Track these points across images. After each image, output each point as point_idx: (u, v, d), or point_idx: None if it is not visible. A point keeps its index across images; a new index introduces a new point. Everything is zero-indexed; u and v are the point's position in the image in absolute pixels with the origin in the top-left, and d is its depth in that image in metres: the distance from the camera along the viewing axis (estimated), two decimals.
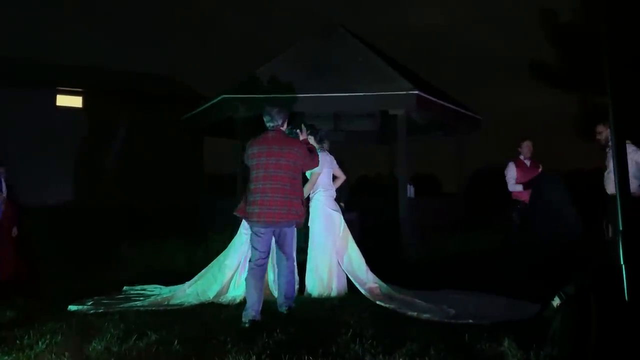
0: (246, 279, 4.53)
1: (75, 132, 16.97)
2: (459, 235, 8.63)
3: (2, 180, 6.42)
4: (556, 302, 2.05)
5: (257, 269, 4.47)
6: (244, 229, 5.14)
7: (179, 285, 5.38)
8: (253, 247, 4.51)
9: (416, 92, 8.46)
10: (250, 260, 4.52)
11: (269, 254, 4.61)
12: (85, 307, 4.78)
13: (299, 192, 4.60)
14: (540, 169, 7.10)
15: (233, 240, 5.31)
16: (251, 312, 4.29)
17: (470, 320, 4.16)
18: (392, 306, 4.72)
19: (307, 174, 5.49)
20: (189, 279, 5.37)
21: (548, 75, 17.80)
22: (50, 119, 16.91)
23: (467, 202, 11.41)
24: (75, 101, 17.83)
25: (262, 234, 4.47)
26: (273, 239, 4.64)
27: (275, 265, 4.88)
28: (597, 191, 5.97)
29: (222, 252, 5.42)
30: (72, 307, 4.74)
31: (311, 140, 5.52)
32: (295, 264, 4.81)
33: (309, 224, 5.43)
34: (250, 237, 4.58)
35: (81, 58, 19.66)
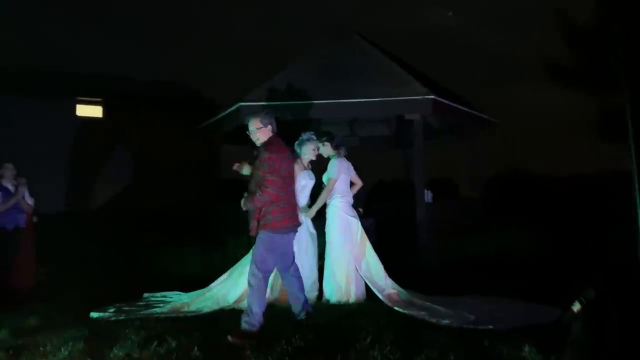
0: (259, 288, 4.27)
1: (95, 140, 17.19)
2: (477, 240, 8.58)
3: (26, 190, 6.55)
4: (576, 307, 2.03)
5: (268, 276, 4.43)
6: None
7: (198, 291, 5.42)
8: (270, 256, 4.32)
9: (432, 96, 8.44)
10: (265, 271, 4.31)
11: None
12: (106, 314, 4.84)
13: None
14: None
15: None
16: (261, 320, 4.20)
17: (490, 326, 4.13)
18: (410, 312, 4.71)
19: (324, 180, 5.52)
20: (206, 285, 5.41)
21: (564, 76, 17.61)
22: (70, 129, 17.17)
23: (485, 206, 11.33)
24: (96, 111, 18.07)
25: (285, 240, 4.44)
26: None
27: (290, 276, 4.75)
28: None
29: (240, 257, 5.44)
30: (93, 314, 4.81)
31: (328, 147, 5.56)
32: (299, 268, 4.81)
33: (326, 230, 5.44)
34: (270, 246, 4.32)
35: (99, 67, 19.85)
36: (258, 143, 4.49)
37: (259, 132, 4.47)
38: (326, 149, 5.58)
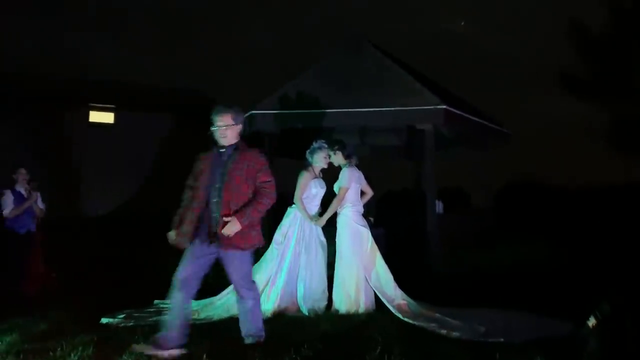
0: (258, 304, 4.10)
1: (107, 147, 17.34)
2: (488, 251, 8.52)
3: (38, 195, 6.61)
4: (592, 321, 2.00)
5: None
6: (275, 243, 5.20)
7: (208, 299, 5.41)
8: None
9: (444, 106, 8.40)
10: (255, 286, 4.13)
11: None
12: (116, 319, 4.85)
13: None
14: None
15: (265, 254, 5.33)
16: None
17: (502, 339, 4.08)
18: (420, 323, 4.67)
19: (335, 189, 5.52)
20: (217, 293, 5.40)
21: (576, 85, 17.55)
22: (84, 135, 17.34)
23: (497, 216, 11.26)
24: (108, 117, 18.23)
25: None
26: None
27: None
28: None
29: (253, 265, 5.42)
30: (104, 320, 4.82)
31: (339, 156, 5.56)
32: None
33: (336, 239, 5.43)
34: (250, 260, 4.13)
35: (111, 73, 20.07)
36: (224, 142, 3.99)
37: (230, 129, 3.97)
38: (337, 158, 5.58)
